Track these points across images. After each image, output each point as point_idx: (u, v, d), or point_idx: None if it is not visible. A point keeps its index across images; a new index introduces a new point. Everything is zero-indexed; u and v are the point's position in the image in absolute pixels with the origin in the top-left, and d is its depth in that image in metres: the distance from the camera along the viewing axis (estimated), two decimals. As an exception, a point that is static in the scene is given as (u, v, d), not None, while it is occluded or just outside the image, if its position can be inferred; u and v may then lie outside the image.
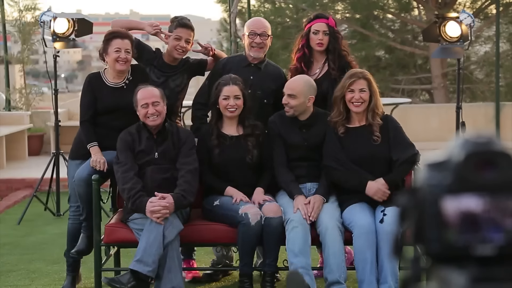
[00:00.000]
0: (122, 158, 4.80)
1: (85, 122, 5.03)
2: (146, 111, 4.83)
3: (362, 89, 4.78)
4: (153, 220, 4.59)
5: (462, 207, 1.23)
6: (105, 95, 5.02)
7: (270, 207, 4.73)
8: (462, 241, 1.23)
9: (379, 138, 4.79)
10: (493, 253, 1.22)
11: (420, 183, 1.27)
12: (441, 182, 1.24)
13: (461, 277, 1.22)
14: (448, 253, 1.24)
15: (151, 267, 4.54)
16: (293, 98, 4.86)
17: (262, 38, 5.13)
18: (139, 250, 4.58)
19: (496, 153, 1.23)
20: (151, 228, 4.59)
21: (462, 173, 1.23)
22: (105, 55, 5.03)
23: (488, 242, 1.22)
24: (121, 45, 4.97)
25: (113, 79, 5.06)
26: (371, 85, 4.80)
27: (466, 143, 1.25)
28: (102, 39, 5.13)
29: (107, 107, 5.01)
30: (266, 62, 5.27)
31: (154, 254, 4.55)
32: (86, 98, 5.07)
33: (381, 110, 4.88)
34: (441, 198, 1.23)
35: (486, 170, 1.23)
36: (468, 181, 1.23)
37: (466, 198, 1.23)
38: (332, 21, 5.18)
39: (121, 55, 4.96)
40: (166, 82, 5.25)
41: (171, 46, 5.22)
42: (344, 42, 5.28)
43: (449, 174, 1.24)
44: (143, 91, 4.87)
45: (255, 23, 5.25)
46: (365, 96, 4.78)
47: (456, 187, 1.23)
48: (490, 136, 1.25)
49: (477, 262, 1.22)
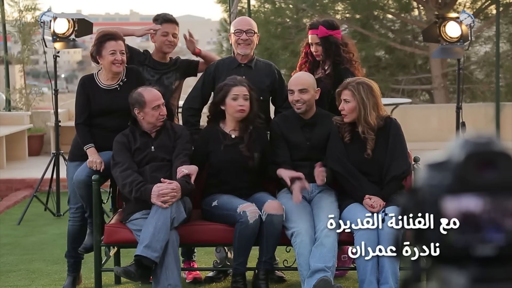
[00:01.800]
0: (119, 159, 4.80)
1: (79, 124, 5.04)
2: (158, 113, 4.84)
3: (345, 99, 4.74)
4: (159, 205, 4.59)
5: (462, 207, 1.23)
6: (98, 97, 5.02)
7: (272, 204, 4.72)
8: (462, 241, 1.23)
9: (369, 155, 4.75)
10: (493, 253, 1.22)
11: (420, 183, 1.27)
12: (441, 182, 1.24)
13: (461, 277, 1.22)
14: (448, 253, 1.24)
15: (158, 253, 4.55)
16: (305, 93, 4.87)
17: (248, 35, 5.18)
18: (146, 235, 4.57)
19: (496, 153, 1.23)
20: (158, 214, 4.59)
21: (462, 173, 1.23)
22: (98, 57, 5.01)
23: (488, 242, 1.22)
24: (116, 47, 4.96)
25: (107, 81, 5.05)
26: (358, 97, 4.69)
27: (466, 144, 1.25)
28: None
29: (100, 109, 5.01)
30: (256, 59, 5.30)
31: (162, 240, 4.56)
32: (80, 100, 5.07)
33: (378, 120, 4.79)
34: (441, 198, 1.23)
35: (486, 170, 1.23)
36: (468, 182, 1.23)
37: (466, 198, 1.23)
38: (322, 30, 5.10)
39: (116, 57, 4.95)
40: (160, 80, 5.31)
41: (159, 43, 5.30)
42: (350, 46, 5.23)
43: (449, 174, 1.24)
44: (151, 93, 4.86)
45: (241, 21, 5.33)
46: (348, 107, 4.72)
47: (456, 187, 1.23)
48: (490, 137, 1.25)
49: (477, 262, 1.22)
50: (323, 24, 5.15)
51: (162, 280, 4.59)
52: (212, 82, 5.21)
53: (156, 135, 4.91)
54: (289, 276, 5.43)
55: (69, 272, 5.24)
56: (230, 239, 4.79)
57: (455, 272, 1.22)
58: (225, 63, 5.29)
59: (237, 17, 7.00)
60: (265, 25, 15.62)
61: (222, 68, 5.22)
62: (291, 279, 5.41)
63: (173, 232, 4.64)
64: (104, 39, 4.98)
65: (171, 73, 5.36)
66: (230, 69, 5.20)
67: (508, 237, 1.22)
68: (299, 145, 4.92)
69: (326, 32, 5.11)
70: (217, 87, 4.98)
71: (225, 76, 5.08)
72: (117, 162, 4.80)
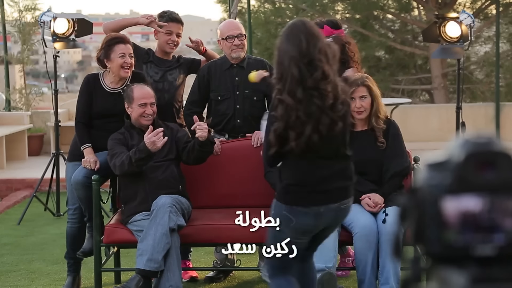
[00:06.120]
0: (116, 150, 4.80)
1: (79, 123, 5.03)
2: (143, 110, 4.84)
3: (362, 96, 4.78)
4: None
5: (462, 207, 1.23)
6: (101, 99, 5.01)
7: None
8: (462, 241, 1.23)
9: (383, 144, 4.79)
10: (493, 253, 1.22)
11: (420, 183, 1.27)
12: (441, 182, 1.24)
13: (461, 277, 1.22)
14: (448, 253, 1.24)
15: (160, 264, 4.55)
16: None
17: (240, 39, 5.22)
18: (146, 248, 4.56)
19: (496, 153, 1.23)
20: (155, 225, 4.58)
21: (462, 173, 1.23)
22: (106, 60, 5.00)
23: (488, 242, 1.22)
24: (125, 50, 4.96)
25: (111, 83, 5.04)
26: (372, 90, 4.79)
27: (466, 144, 1.25)
28: (102, 40, 5.12)
29: (102, 111, 5.01)
30: (247, 58, 5.31)
31: (163, 250, 4.55)
32: (82, 99, 5.06)
33: (384, 114, 4.86)
34: (441, 198, 1.23)
35: (486, 170, 1.23)
36: (468, 181, 1.23)
37: (466, 198, 1.23)
38: (327, 30, 5.12)
39: (126, 60, 4.95)
40: (164, 76, 5.33)
41: (162, 41, 5.31)
42: (353, 46, 5.25)
43: (449, 174, 1.24)
44: (142, 90, 4.88)
45: (230, 26, 5.33)
46: (365, 103, 4.78)
47: (456, 187, 1.23)
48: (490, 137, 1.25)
49: (477, 262, 1.22)
50: (328, 23, 5.17)
51: (164, 281, 4.58)
52: (207, 84, 5.25)
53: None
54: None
55: (69, 272, 5.25)
56: (230, 239, 4.78)
57: (455, 272, 1.23)
58: (217, 64, 5.31)
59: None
60: (265, 25, 15.62)
61: (215, 70, 5.25)
62: (291, 279, 5.41)
63: (174, 235, 4.63)
64: (113, 42, 4.98)
65: (174, 70, 5.37)
66: (222, 70, 5.24)
67: (508, 237, 1.22)
68: None
69: (331, 32, 5.13)
70: None
71: (219, 77, 5.17)
72: (114, 153, 4.79)
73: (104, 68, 5.06)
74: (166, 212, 4.59)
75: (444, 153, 1.27)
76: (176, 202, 4.70)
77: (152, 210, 4.67)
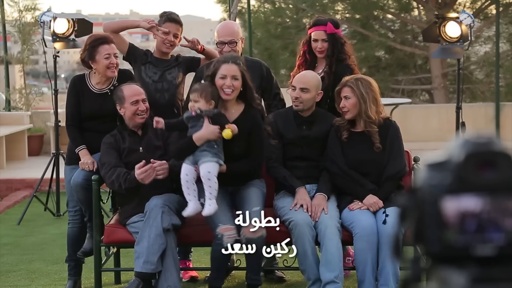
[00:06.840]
0: (104, 160, 4.79)
1: (70, 126, 5.03)
2: (136, 108, 4.81)
3: (346, 96, 4.77)
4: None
5: (462, 207, 1.23)
6: (88, 100, 5.00)
7: (249, 227, 4.55)
8: (462, 241, 1.23)
9: (380, 148, 4.78)
10: (493, 253, 1.22)
11: (420, 183, 1.27)
12: (441, 182, 1.24)
13: (461, 277, 1.22)
14: (448, 253, 1.24)
15: (156, 265, 4.55)
16: (306, 92, 4.87)
17: (231, 46, 5.12)
18: (141, 250, 4.56)
19: (496, 153, 1.23)
20: (149, 227, 4.58)
21: (462, 173, 1.23)
22: (91, 62, 4.97)
23: (488, 242, 1.22)
24: (110, 51, 4.93)
25: (97, 84, 5.03)
26: (357, 92, 4.73)
27: (466, 144, 1.25)
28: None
29: (91, 113, 5.00)
30: (244, 59, 5.28)
31: (158, 251, 4.55)
32: (70, 102, 5.06)
33: (378, 116, 4.80)
34: (441, 198, 1.23)
35: (486, 170, 1.23)
36: (468, 181, 1.23)
37: (466, 198, 1.23)
38: (331, 27, 5.15)
39: (112, 60, 4.92)
40: (163, 75, 5.30)
41: (159, 41, 5.29)
42: (348, 46, 5.27)
43: (449, 174, 1.24)
44: (131, 88, 4.85)
45: (222, 31, 5.21)
46: (349, 103, 4.74)
47: (456, 187, 1.23)
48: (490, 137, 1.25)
49: (477, 262, 1.22)
50: (330, 21, 5.20)
51: (162, 282, 4.58)
52: None
53: (143, 134, 4.89)
54: (289, 276, 5.43)
55: (70, 276, 5.22)
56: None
57: (455, 272, 1.23)
58: None
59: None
60: (265, 25, 15.63)
61: None
62: (291, 279, 5.41)
63: (169, 235, 4.63)
64: (97, 43, 4.94)
65: (173, 69, 5.35)
66: None
67: (508, 237, 1.22)
68: (296, 142, 4.90)
69: (333, 30, 5.15)
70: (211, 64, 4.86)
71: None
72: (103, 163, 4.79)
73: (89, 69, 5.04)
74: (158, 213, 4.59)
75: (444, 153, 1.27)
76: (169, 202, 4.69)
77: (145, 212, 4.67)
